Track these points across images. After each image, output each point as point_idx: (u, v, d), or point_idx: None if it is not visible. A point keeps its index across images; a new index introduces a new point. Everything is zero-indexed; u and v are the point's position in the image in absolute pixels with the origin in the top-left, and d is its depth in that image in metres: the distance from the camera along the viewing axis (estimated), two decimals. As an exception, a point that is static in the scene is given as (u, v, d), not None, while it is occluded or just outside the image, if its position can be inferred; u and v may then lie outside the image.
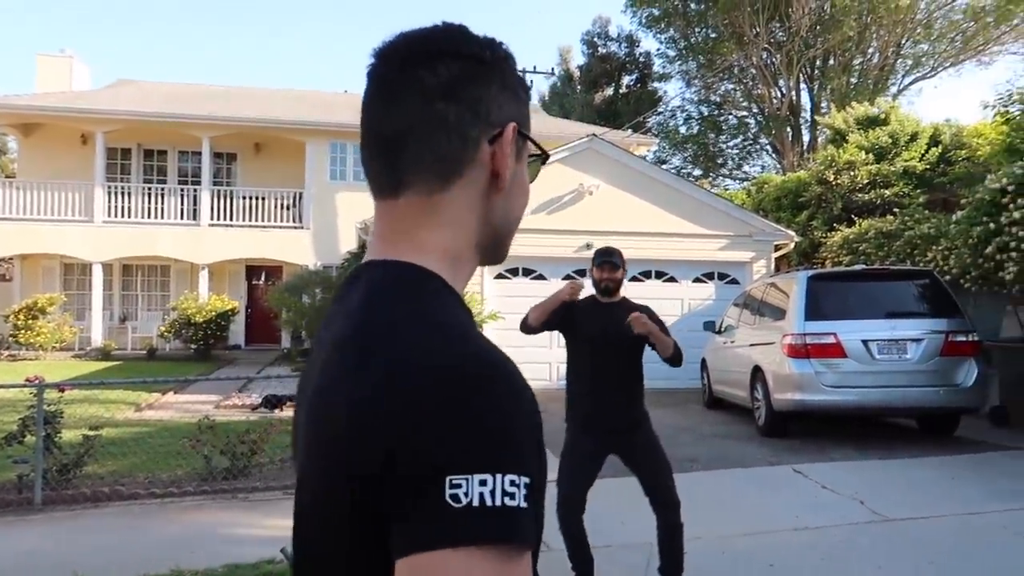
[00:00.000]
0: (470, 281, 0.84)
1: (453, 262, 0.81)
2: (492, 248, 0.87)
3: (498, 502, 0.61)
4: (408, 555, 0.61)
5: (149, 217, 17.92)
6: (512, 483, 0.62)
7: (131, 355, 17.21)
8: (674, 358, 3.83)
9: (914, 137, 14.73)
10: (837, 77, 26.01)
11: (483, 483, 0.61)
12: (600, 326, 3.79)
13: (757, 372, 8.37)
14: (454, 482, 0.61)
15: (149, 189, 18.23)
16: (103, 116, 17.66)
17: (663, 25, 29.36)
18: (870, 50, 26.30)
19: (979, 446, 7.44)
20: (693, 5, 28.14)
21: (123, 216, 17.83)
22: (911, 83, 27.32)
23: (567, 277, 12.59)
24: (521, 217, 0.89)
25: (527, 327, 3.88)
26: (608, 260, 3.89)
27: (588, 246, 12.25)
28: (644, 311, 3.82)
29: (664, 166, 23.93)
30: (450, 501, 0.60)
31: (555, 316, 3.81)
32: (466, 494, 0.61)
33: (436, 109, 0.79)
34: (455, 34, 0.83)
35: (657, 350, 3.78)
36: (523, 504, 0.63)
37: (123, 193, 18.01)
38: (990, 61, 26.71)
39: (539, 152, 0.92)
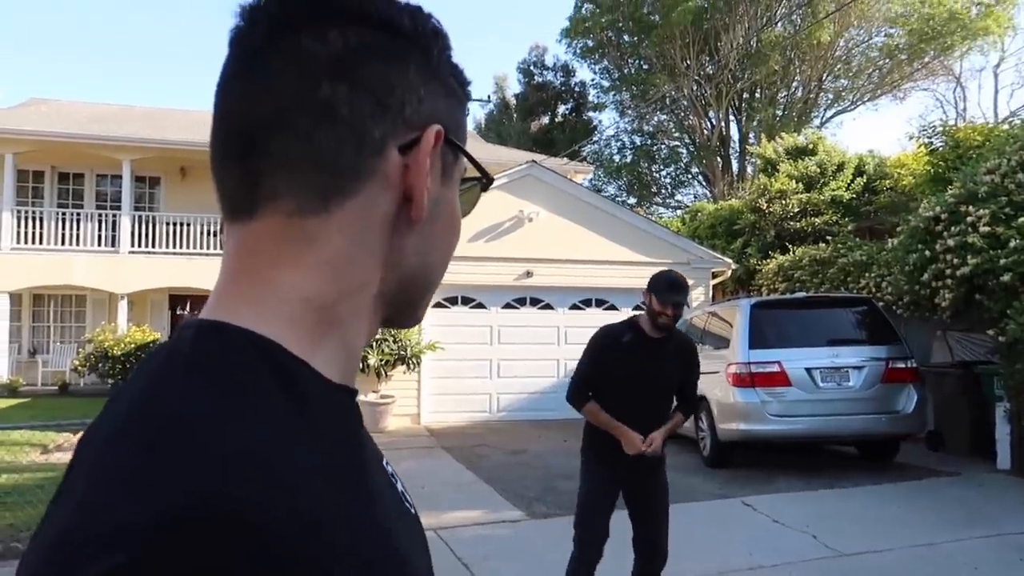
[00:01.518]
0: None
1: (319, 321, 0.54)
2: (401, 304, 0.61)
3: None
4: None
5: (63, 244, 16.89)
6: None
7: (42, 391, 16.11)
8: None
9: (841, 167, 15.15)
10: (764, 109, 26.85)
11: None
12: (643, 365, 3.48)
13: (701, 402, 8.26)
14: None
15: (64, 214, 17.21)
16: (13, 136, 16.62)
17: (597, 56, 29.86)
18: (794, 84, 27.33)
19: (920, 472, 7.48)
20: (626, 37, 28.72)
21: (34, 242, 16.77)
22: (832, 116, 28.50)
23: (507, 306, 12.35)
24: (448, 261, 0.64)
25: (575, 407, 3.61)
26: (676, 299, 3.42)
27: (528, 274, 12.09)
28: (689, 350, 3.69)
29: (600, 194, 24.12)
30: None
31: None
32: None
33: (322, 92, 0.53)
34: None
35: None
36: None
37: (35, 218, 16.95)
38: (904, 96, 28.13)
39: (479, 175, 0.66)
